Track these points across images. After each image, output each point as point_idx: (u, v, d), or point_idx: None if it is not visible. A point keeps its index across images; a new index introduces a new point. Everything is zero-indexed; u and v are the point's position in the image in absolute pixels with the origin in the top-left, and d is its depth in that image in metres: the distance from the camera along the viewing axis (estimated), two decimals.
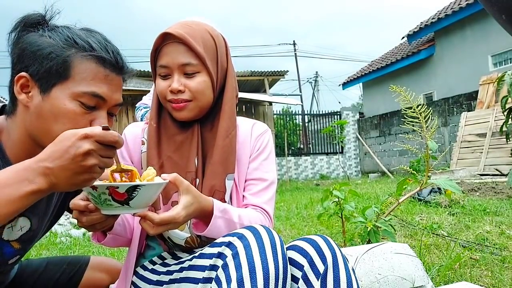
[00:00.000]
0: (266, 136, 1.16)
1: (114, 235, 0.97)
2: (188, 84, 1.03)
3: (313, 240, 0.85)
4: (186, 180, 0.86)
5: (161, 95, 1.06)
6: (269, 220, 1.05)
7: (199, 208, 0.87)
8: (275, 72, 9.77)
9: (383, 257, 1.38)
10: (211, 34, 1.08)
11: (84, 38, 0.88)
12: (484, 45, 9.48)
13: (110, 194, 0.74)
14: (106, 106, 0.91)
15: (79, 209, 0.80)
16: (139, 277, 1.02)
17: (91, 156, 0.70)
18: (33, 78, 0.86)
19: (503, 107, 3.42)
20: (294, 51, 21.69)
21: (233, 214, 0.95)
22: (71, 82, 0.86)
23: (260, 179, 1.09)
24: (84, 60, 0.87)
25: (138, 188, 0.75)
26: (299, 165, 12.25)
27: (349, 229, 2.36)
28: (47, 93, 0.86)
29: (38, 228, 1.07)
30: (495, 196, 4.08)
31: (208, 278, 0.83)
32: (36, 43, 0.86)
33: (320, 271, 0.80)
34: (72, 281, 1.30)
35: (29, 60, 0.86)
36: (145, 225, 0.81)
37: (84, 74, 0.86)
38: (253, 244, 0.78)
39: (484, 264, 1.91)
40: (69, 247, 2.97)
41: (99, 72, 0.88)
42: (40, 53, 0.85)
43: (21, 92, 0.87)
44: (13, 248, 1.02)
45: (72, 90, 0.86)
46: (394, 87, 1.91)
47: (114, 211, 0.78)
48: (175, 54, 1.02)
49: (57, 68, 0.85)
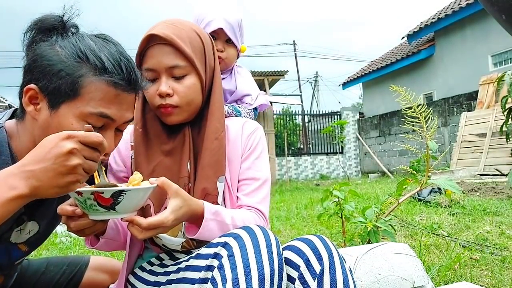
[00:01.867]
0: (257, 135, 1.13)
1: (107, 239, 0.97)
2: (177, 88, 1.00)
3: (309, 240, 0.84)
4: (174, 184, 0.84)
5: (151, 101, 1.02)
6: (264, 220, 1.04)
7: (189, 211, 0.86)
8: (275, 72, 9.77)
9: (383, 257, 1.38)
10: (198, 33, 1.04)
11: (97, 54, 0.84)
12: (484, 45, 9.48)
13: (96, 199, 0.74)
14: (115, 124, 0.89)
15: (66, 214, 0.79)
16: (137, 278, 1.02)
17: (74, 156, 0.69)
18: (42, 92, 0.84)
19: (503, 107, 3.43)
20: (294, 51, 21.72)
21: (226, 216, 0.93)
22: (80, 102, 0.83)
23: (253, 178, 1.07)
24: (95, 80, 0.83)
25: (124, 193, 0.75)
26: (299, 165, 12.25)
27: (349, 229, 2.36)
28: (56, 109, 0.83)
29: (45, 231, 1.07)
30: (495, 196, 4.08)
31: (204, 279, 0.82)
32: (47, 56, 0.83)
33: (316, 271, 0.79)
34: (72, 281, 1.30)
35: (39, 74, 0.83)
36: (133, 230, 0.80)
37: (94, 94, 0.83)
38: (249, 245, 0.78)
39: (484, 264, 1.91)
40: (69, 247, 2.97)
41: (109, 92, 0.84)
42: (50, 69, 0.82)
43: (30, 104, 0.85)
44: (21, 250, 1.02)
45: (80, 110, 0.83)
46: (394, 87, 1.91)
47: (101, 216, 0.78)
48: (161, 57, 0.98)
49: (67, 87, 0.82)
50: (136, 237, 0.81)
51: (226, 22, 1.24)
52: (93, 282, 1.33)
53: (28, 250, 1.05)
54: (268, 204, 1.09)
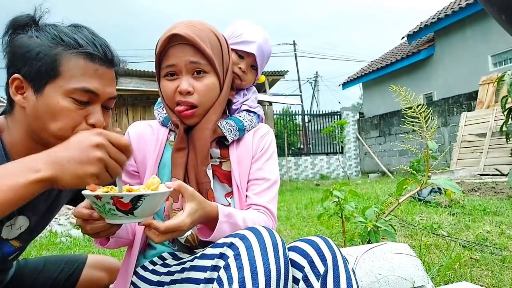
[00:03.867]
0: (269, 137, 1.16)
1: (116, 238, 0.98)
2: (197, 85, 1.02)
3: (313, 241, 0.85)
4: (190, 187, 0.86)
5: (168, 97, 1.05)
6: (272, 220, 1.06)
7: (203, 214, 0.87)
8: (275, 72, 9.78)
9: (383, 257, 1.38)
10: (215, 33, 1.07)
11: (70, 35, 0.90)
12: (484, 45, 9.48)
13: (115, 204, 0.74)
14: (100, 100, 0.93)
15: (83, 217, 0.80)
16: (139, 277, 1.02)
17: (99, 149, 0.71)
18: (26, 79, 0.88)
19: (503, 107, 3.43)
20: (294, 51, 21.72)
21: (238, 217, 0.95)
22: (62, 80, 0.88)
23: (263, 178, 1.09)
24: (72, 57, 0.88)
25: (143, 198, 0.75)
26: (299, 165, 12.25)
27: (349, 229, 2.36)
28: (41, 92, 0.88)
29: (36, 226, 1.07)
30: (495, 196, 4.08)
31: (209, 279, 0.82)
32: (25, 44, 0.89)
33: (320, 272, 0.80)
34: (70, 280, 1.30)
35: (20, 62, 0.89)
36: (150, 234, 0.81)
37: (74, 71, 0.88)
38: (255, 245, 0.78)
39: (484, 264, 1.91)
40: (69, 247, 2.97)
41: (88, 67, 0.89)
42: (29, 55, 0.88)
43: (17, 94, 0.90)
44: (13, 246, 1.03)
45: (64, 88, 0.88)
46: (394, 87, 1.91)
47: (119, 220, 0.78)
48: (183, 55, 1.01)
49: (47, 67, 0.87)
50: (153, 240, 0.82)
51: (261, 49, 1.23)
52: (91, 279, 1.33)
53: (21, 246, 1.06)
54: (276, 204, 1.11)
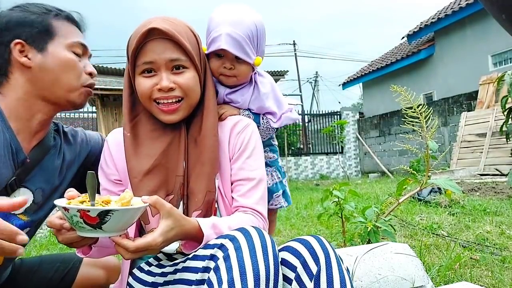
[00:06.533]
0: (247, 132, 1.08)
1: (100, 247, 0.96)
2: (178, 80, 0.99)
3: (306, 240, 0.84)
4: (168, 203, 0.82)
5: (145, 95, 1.00)
6: (262, 221, 1.02)
7: (180, 232, 0.83)
8: (275, 72, 9.78)
9: (383, 257, 1.38)
10: (191, 29, 1.05)
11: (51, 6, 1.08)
12: (484, 45, 9.48)
13: (82, 217, 0.72)
14: (88, 53, 1.13)
15: (54, 227, 0.78)
16: (135, 278, 1.02)
17: None
18: (27, 42, 1.02)
19: (503, 107, 3.42)
20: (294, 51, 21.69)
21: (223, 227, 0.90)
22: (59, 38, 1.06)
23: (246, 179, 1.04)
24: (59, 20, 1.08)
25: (111, 213, 0.72)
26: (299, 165, 12.25)
27: (349, 229, 2.35)
28: (45, 51, 1.03)
29: (42, 201, 1.08)
30: (495, 196, 4.08)
31: (201, 280, 0.82)
32: (17, 15, 1.03)
33: (313, 272, 0.79)
34: (66, 278, 1.30)
35: (17, 29, 1.02)
36: (120, 250, 0.78)
37: (65, 30, 1.08)
38: (244, 246, 0.77)
39: (484, 264, 1.90)
40: (69, 247, 2.96)
41: (70, 26, 1.10)
42: (25, 22, 1.03)
43: (21, 56, 1.02)
44: (21, 220, 1.04)
45: (65, 43, 1.07)
46: (394, 87, 1.91)
47: (87, 233, 0.76)
48: (162, 50, 0.97)
49: (44, 30, 1.04)
50: (123, 258, 0.80)
51: (231, 39, 1.09)
52: (88, 277, 1.32)
53: (30, 221, 1.06)
54: (266, 204, 1.06)
